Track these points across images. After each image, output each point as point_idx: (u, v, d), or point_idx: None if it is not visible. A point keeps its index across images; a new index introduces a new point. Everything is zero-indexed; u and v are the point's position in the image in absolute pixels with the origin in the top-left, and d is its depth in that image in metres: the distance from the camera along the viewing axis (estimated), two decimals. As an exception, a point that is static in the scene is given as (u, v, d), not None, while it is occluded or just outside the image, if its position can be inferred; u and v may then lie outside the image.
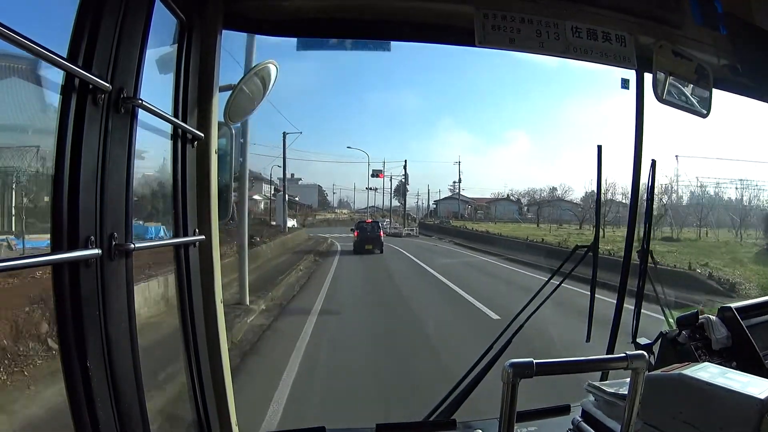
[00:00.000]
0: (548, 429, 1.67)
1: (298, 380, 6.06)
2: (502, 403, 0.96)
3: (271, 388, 5.73)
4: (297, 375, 6.28)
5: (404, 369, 6.47)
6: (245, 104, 1.86)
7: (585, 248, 2.12)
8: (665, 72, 1.85)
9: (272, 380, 6.02)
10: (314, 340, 8.04)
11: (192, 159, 1.49)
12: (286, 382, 6.01)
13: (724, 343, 1.96)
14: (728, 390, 1.20)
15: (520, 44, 1.69)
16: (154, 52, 1.38)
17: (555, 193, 65.91)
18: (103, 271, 1.02)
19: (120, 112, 1.06)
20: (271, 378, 6.12)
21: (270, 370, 6.54)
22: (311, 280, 16.05)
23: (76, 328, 0.96)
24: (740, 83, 2.07)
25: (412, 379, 5.94)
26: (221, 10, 1.58)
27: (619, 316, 2.16)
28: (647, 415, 1.30)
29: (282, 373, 6.31)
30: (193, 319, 1.49)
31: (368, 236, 25.87)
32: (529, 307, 2.03)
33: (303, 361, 6.84)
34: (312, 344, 7.76)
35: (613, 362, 1.09)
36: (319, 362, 6.92)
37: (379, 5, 1.80)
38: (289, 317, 10.20)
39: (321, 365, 6.82)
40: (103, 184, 1.02)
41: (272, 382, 5.96)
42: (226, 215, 1.69)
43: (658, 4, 1.82)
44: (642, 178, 2.10)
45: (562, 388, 2.19)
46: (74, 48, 0.96)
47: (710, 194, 31.88)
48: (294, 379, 6.13)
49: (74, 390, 0.97)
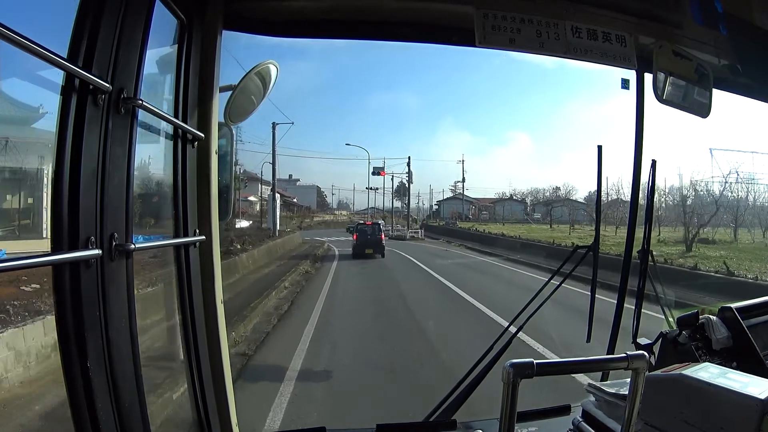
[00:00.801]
0: (549, 429, 1.67)
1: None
2: (503, 404, 0.95)
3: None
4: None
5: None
6: (245, 104, 1.86)
7: (585, 248, 2.12)
8: (665, 72, 1.85)
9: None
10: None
11: (192, 159, 1.49)
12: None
13: (724, 343, 1.95)
14: (729, 390, 1.20)
15: (520, 44, 1.69)
16: (155, 52, 1.38)
17: (558, 192, 65.64)
18: (104, 272, 1.02)
19: (120, 113, 1.06)
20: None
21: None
22: (297, 303, 11.68)
23: (77, 328, 0.96)
24: (740, 83, 2.07)
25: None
26: (221, 11, 1.58)
27: (619, 316, 2.16)
28: (648, 416, 1.30)
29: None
30: (194, 319, 1.49)
31: (368, 239, 23.86)
32: (529, 307, 2.03)
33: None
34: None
35: (614, 362, 1.09)
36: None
37: (379, 6, 1.80)
38: (253, 384, 6.03)
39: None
40: (104, 185, 1.02)
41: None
42: (226, 215, 1.69)
43: (658, 4, 1.82)
44: (643, 178, 2.10)
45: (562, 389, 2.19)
46: (74, 48, 0.96)
47: (745, 190, 29.66)
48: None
49: (74, 390, 0.97)
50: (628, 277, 2.16)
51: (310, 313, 10.26)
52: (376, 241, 23.89)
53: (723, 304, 2.05)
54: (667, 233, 27.58)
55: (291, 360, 6.90)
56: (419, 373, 6.27)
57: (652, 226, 2.24)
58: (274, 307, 11.12)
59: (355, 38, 1.93)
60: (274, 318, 9.97)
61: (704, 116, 1.96)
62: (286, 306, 11.32)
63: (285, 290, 13.49)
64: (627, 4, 1.79)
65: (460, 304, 11.51)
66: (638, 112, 2.02)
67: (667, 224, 29.61)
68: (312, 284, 15.01)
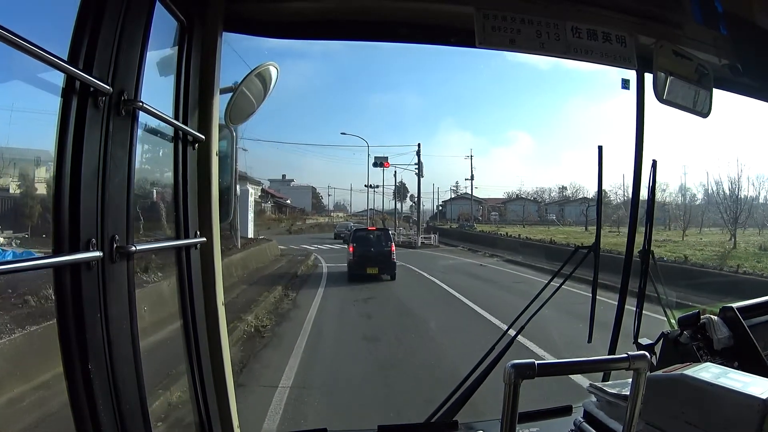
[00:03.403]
0: (550, 430, 1.67)
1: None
2: (504, 404, 0.95)
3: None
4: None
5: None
6: (246, 106, 1.86)
7: (586, 249, 2.12)
8: (666, 72, 1.85)
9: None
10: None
11: (193, 161, 1.49)
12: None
13: (725, 343, 1.95)
14: (730, 390, 1.20)
15: (520, 45, 1.69)
16: (155, 54, 1.38)
17: (565, 192, 64.82)
18: (105, 274, 1.02)
19: (121, 115, 1.06)
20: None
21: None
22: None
23: (78, 330, 0.96)
24: (741, 83, 2.07)
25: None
26: (221, 12, 1.58)
27: (620, 316, 2.15)
28: (649, 416, 1.30)
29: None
30: (195, 320, 1.49)
31: (371, 252, 15.96)
32: (530, 309, 2.03)
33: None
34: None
35: (615, 363, 1.09)
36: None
37: (378, 7, 1.80)
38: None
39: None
40: (105, 187, 1.02)
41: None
42: (227, 217, 1.69)
43: (659, 4, 1.82)
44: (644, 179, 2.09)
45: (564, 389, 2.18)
46: (75, 50, 0.97)
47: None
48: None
49: (76, 392, 0.97)
50: (629, 277, 2.16)
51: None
52: (382, 256, 16.00)
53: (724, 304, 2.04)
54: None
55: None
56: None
57: (653, 226, 2.23)
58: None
59: (355, 39, 1.93)
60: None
61: (705, 116, 1.96)
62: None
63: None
64: (627, 4, 1.79)
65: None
66: (638, 112, 2.02)
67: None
68: (262, 361, 7.05)
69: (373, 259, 15.84)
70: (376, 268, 15.67)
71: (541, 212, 63.78)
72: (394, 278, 15.74)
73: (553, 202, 65.56)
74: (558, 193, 67.39)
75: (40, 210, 8.37)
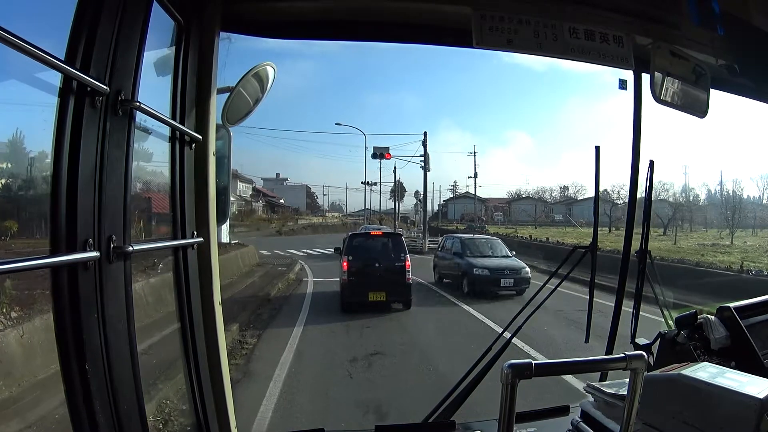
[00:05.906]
0: (547, 430, 1.67)
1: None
2: (501, 404, 0.95)
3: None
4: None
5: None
6: (243, 106, 1.86)
7: (584, 249, 2.12)
8: (663, 72, 1.85)
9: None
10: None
11: (190, 161, 1.49)
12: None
13: (722, 343, 1.96)
14: (727, 390, 1.20)
15: (517, 45, 1.69)
16: (152, 54, 1.37)
17: (566, 192, 64.12)
18: (102, 274, 1.02)
19: (118, 115, 1.06)
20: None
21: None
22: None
23: (75, 330, 0.96)
24: (738, 83, 2.08)
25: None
26: (219, 12, 1.58)
27: (617, 316, 2.16)
28: (646, 416, 1.30)
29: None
30: (192, 320, 1.49)
31: (375, 269, 10.81)
32: (527, 309, 2.03)
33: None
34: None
35: (612, 363, 1.09)
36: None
37: (376, 7, 1.80)
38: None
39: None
40: (102, 187, 1.02)
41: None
42: (224, 217, 1.69)
43: (656, 5, 1.82)
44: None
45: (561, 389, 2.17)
46: (72, 50, 0.96)
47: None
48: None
49: (73, 392, 0.97)
50: (626, 277, 2.16)
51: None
52: (393, 274, 10.81)
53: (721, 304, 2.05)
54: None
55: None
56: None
57: (650, 226, 2.24)
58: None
59: (352, 40, 1.93)
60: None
61: (702, 116, 1.96)
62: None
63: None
64: (624, 5, 1.79)
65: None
66: (636, 113, 2.03)
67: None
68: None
69: (379, 280, 10.59)
70: (383, 292, 10.47)
71: (547, 212, 63.01)
72: (409, 306, 10.81)
73: (559, 202, 64.77)
74: (560, 193, 66.93)
75: (34, 210, 8.33)
